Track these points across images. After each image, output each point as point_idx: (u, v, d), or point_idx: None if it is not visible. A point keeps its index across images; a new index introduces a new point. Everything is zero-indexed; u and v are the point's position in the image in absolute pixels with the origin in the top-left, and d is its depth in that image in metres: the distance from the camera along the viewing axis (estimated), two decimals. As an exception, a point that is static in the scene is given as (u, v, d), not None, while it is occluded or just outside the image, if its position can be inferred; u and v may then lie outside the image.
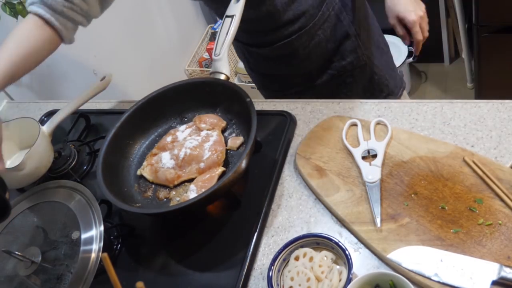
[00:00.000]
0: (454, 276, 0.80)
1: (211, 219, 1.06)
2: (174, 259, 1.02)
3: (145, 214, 1.05)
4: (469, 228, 0.86)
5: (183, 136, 1.11)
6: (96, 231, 0.97)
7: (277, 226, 1.00)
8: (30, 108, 1.55)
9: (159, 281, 0.99)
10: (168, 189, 1.08)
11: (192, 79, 1.21)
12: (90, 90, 1.26)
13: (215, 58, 1.09)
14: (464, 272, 0.80)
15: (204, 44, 2.81)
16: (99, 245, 0.95)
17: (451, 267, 0.81)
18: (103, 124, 1.36)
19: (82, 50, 1.98)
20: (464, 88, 2.55)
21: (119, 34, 2.21)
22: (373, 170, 0.97)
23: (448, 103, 1.08)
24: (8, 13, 1.45)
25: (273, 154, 1.10)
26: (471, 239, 0.84)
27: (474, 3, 1.83)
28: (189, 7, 2.76)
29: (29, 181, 1.19)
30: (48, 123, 1.24)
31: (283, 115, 1.17)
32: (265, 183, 1.05)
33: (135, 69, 2.27)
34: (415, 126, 1.06)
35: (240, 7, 1.10)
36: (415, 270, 0.83)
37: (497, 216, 0.86)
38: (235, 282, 0.92)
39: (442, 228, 0.87)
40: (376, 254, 0.88)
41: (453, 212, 0.88)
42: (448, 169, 0.94)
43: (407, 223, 0.89)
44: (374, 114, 1.11)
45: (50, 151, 1.21)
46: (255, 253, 0.97)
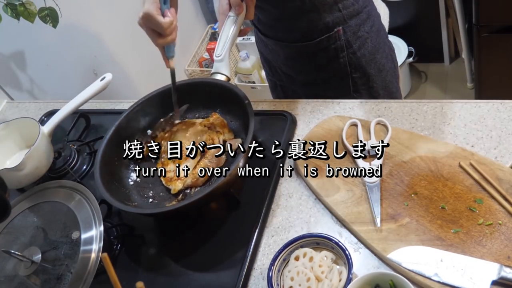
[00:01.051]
0: (454, 276, 0.80)
1: (211, 219, 1.06)
2: (174, 259, 1.02)
3: (143, 214, 1.05)
4: (469, 228, 0.86)
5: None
6: (96, 231, 0.97)
7: (277, 226, 1.00)
8: (30, 108, 1.55)
9: (159, 281, 0.99)
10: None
11: (192, 79, 1.21)
12: (90, 90, 1.26)
13: (216, 58, 1.09)
14: (464, 272, 0.80)
15: (204, 44, 2.81)
16: (99, 245, 0.95)
17: (451, 267, 0.81)
18: (103, 124, 1.36)
19: (82, 50, 1.98)
20: (464, 88, 2.55)
21: (119, 34, 2.21)
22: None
23: (448, 103, 1.08)
24: (9, 15, 1.45)
25: (273, 154, 1.10)
26: (471, 239, 0.84)
27: (474, 3, 1.82)
28: (189, 7, 2.75)
29: (29, 181, 1.19)
30: (48, 123, 1.24)
31: (283, 115, 1.17)
32: (265, 183, 1.05)
33: (135, 69, 2.27)
34: (415, 126, 1.06)
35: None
36: (415, 270, 0.83)
37: (497, 216, 0.86)
38: (235, 282, 0.92)
39: (442, 228, 0.87)
40: (376, 254, 0.88)
41: (453, 212, 0.88)
42: (448, 169, 0.94)
43: (407, 223, 0.89)
44: (374, 114, 1.11)
45: (50, 151, 1.21)
46: (255, 253, 0.97)
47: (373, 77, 1.26)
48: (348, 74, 1.24)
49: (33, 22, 1.48)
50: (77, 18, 1.92)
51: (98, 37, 2.08)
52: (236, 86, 1.11)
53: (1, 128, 1.26)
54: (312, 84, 1.30)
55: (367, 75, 1.25)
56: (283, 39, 1.24)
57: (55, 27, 1.52)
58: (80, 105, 1.26)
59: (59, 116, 1.25)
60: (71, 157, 1.26)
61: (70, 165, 1.25)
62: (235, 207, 1.05)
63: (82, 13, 1.97)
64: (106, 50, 2.12)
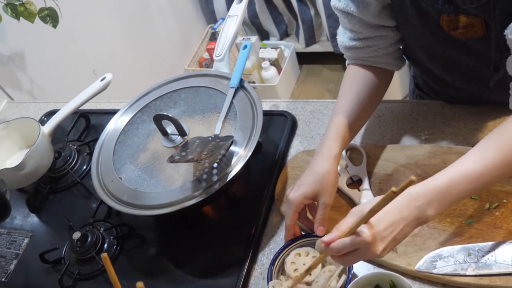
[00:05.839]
0: (488, 265, 0.80)
1: (211, 219, 1.06)
2: (174, 259, 1.02)
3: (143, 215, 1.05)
4: (479, 216, 0.86)
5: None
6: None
7: (277, 226, 1.00)
8: (30, 108, 1.55)
9: (159, 281, 0.99)
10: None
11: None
12: (90, 90, 1.26)
13: (216, 58, 1.09)
14: (496, 258, 0.80)
15: (204, 44, 2.81)
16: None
17: (482, 257, 0.81)
18: (103, 124, 1.36)
19: (82, 50, 1.98)
20: (464, 88, 2.55)
21: (119, 34, 2.21)
22: (364, 194, 0.95)
23: (448, 103, 1.07)
24: (9, 15, 1.45)
25: (273, 154, 1.10)
26: (486, 226, 0.85)
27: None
28: (189, 7, 2.76)
29: (29, 181, 1.19)
30: (48, 123, 1.24)
31: (283, 115, 1.17)
32: (265, 183, 1.05)
33: (135, 69, 2.28)
34: (415, 126, 1.06)
35: (243, 8, 1.10)
36: (449, 272, 0.81)
37: (499, 196, 0.87)
38: (235, 281, 0.92)
39: (454, 224, 0.86)
40: (401, 272, 0.83)
41: (457, 206, 0.88)
42: (433, 168, 0.93)
43: (419, 231, 0.87)
44: (374, 114, 1.10)
45: (50, 151, 1.21)
46: (255, 253, 0.97)
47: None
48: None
49: (33, 22, 1.48)
50: (77, 18, 1.92)
51: (98, 37, 2.08)
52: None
53: (1, 128, 1.26)
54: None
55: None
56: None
57: (55, 27, 1.52)
58: (80, 105, 1.26)
59: (59, 116, 1.25)
60: (71, 157, 1.26)
61: (70, 165, 1.25)
62: (236, 207, 1.05)
63: (82, 13, 1.97)
64: (106, 50, 2.12)
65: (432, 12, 0.83)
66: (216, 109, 1.05)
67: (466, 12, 0.80)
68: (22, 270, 1.11)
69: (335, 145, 0.89)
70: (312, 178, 0.87)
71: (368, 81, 0.96)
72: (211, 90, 1.09)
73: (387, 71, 1.00)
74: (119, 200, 0.99)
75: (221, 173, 0.94)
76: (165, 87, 1.15)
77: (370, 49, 0.95)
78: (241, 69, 1.06)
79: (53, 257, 1.08)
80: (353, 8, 0.90)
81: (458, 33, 0.83)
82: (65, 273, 1.04)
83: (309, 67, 2.87)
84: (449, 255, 0.83)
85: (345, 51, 0.99)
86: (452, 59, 0.92)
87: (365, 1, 0.88)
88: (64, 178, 1.24)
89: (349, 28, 0.95)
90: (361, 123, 0.98)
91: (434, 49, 0.92)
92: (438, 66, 0.97)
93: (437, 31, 0.86)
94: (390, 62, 0.98)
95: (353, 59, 0.99)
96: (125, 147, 1.08)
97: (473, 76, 0.94)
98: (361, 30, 0.93)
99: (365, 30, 0.93)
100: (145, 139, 1.08)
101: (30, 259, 1.12)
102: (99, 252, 1.05)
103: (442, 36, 0.86)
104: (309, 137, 1.13)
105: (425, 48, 0.94)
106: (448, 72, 0.97)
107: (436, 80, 1.04)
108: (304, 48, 2.76)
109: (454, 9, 0.81)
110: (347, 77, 0.99)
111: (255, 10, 2.70)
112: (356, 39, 0.95)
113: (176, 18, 2.61)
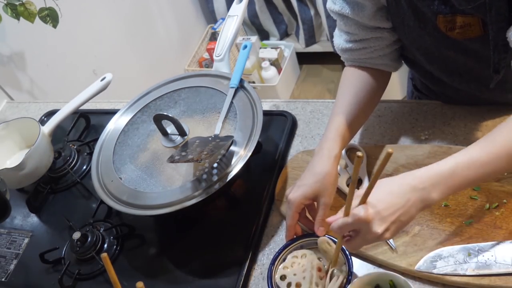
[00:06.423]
0: (488, 265, 0.80)
1: (211, 219, 1.06)
2: (174, 259, 1.02)
3: (143, 215, 1.05)
4: (479, 216, 0.86)
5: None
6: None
7: (277, 226, 1.00)
8: (30, 108, 1.55)
9: (159, 280, 0.99)
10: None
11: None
12: (90, 90, 1.26)
13: (216, 58, 1.09)
14: (495, 258, 0.80)
15: (204, 44, 2.81)
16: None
17: (481, 257, 0.81)
18: (103, 124, 1.36)
19: (82, 50, 1.98)
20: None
21: (119, 34, 2.21)
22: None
23: (448, 103, 1.07)
24: (9, 15, 1.45)
25: (273, 154, 1.10)
26: (486, 225, 0.85)
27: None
28: (189, 7, 2.76)
29: (29, 181, 1.19)
30: (48, 123, 1.24)
31: (283, 115, 1.17)
32: (265, 183, 1.05)
33: (135, 69, 2.28)
34: (415, 126, 1.06)
35: (243, 8, 1.10)
36: (449, 272, 0.81)
37: (499, 196, 0.87)
38: (235, 281, 0.92)
39: (454, 224, 0.86)
40: (402, 272, 0.84)
41: (457, 206, 0.88)
42: None
43: (419, 231, 0.87)
44: (374, 114, 1.10)
45: (50, 151, 1.21)
46: (255, 253, 0.97)
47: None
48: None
49: (33, 22, 1.48)
50: (77, 18, 1.92)
51: (98, 37, 2.08)
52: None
53: (1, 128, 1.26)
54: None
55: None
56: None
57: (55, 27, 1.52)
58: (80, 105, 1.26)
59: (59, 116, 1.25)
60: (71, 157, 1.26)
61: (70, 165, 1.25)
62: (236, 207, 1.05)
63: (82, 13, 1.97)
64: (106, 50, 2.12)
65: (428, 13, 0.83)
66: (216, 109, 1.05)
67: (463, 12, 0.80)
68: (22, 270, 1.11)
69: (335, 145, 0.89)
70: (312, 178, 0.87)
71: (365, 82, 0.97)
72: (211, 90, 1.09)
73: (384, 72, 1.00)
74: (119, 200, 1.00)
75: (221, 173, 0.94)
76: (165, 87, 1.15)
77: (366, 51, 0.95)
78: (241, 69, 1.06)
79: (53, 257, 1.08)
80: (348, 10, 0.90)
81: (455, 33, 0.83)
82: (65, 273, 1.04)
83: (309, 67, 2.87)
84: (449, 255, 0.83)
85: (342, 53, 0.99)
86: (450, 60, 0.92)
87: (360, 3, 0.89)
88: (64, 178, 1.24)
89: (345, 30, 0.95)
90: (360, 123, 0.98)
91: (432, 50, 0.92)
92: (436, 67, 0.97)
93: (434, 32, 0.86)
94: (386, 63, 0.98)
95: (350, 60, 0.99)
96: (125, 147, 1.08)
97: (472, 77, 0.94)
98: (357, 32, 0.93)
99: (361, 32, 0.93)
100: (145, 139, 1.08)
101: (30, 259, 1.12)
102: (99, 252, 1.05)
103: (439, 37, 0.86)
104: (309, 137, 1.13)
105: (422, 49, 0.94)
106: (447, 73, 0.97)
107: (435, 82, 1.04)
108: (304, 48, 2.76)
109: (450, 10, 0.81)
110: (345, 78, 0.99)
111: (255, 10, 2.70)
112: (352, 41, 0.95)
113: (176, 18, 2.61)
